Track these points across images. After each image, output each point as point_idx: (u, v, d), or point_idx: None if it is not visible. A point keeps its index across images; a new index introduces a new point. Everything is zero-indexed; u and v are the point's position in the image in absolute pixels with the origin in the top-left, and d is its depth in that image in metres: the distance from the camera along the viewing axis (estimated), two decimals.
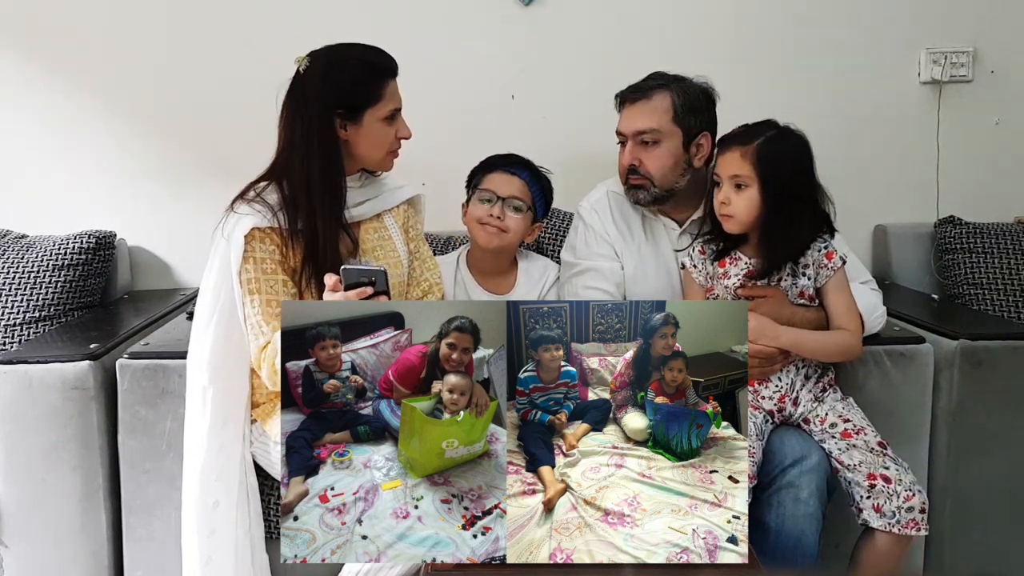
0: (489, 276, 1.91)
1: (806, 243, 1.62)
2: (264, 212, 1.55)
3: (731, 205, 1.58)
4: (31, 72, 2.31)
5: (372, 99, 1.58)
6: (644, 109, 1.76)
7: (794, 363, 1.65)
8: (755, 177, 1.56)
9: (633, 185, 1.79)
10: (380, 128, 1.60)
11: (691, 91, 1.77)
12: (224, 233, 1.55)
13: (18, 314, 2.04)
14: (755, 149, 1.56)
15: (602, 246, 1.85)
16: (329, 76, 1.57)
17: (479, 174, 1.86)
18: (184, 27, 2.31)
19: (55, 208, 2.33)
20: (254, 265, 1.53)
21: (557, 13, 2.33)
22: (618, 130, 1.81)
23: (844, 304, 1.63)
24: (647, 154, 1.76)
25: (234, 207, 1.57)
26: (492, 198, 1.81)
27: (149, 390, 1.68)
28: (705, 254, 1.69)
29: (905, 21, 2.37)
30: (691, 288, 1.72)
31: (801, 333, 1.61)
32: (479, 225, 1.82)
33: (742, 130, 1.62)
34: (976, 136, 2.41)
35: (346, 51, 1.61)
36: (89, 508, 1.72)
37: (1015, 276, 2.16)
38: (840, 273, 1.63)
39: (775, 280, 1.63)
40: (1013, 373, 1.81)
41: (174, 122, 2.34)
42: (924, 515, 1.51)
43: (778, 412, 1.64)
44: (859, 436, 1.58)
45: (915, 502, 1.51)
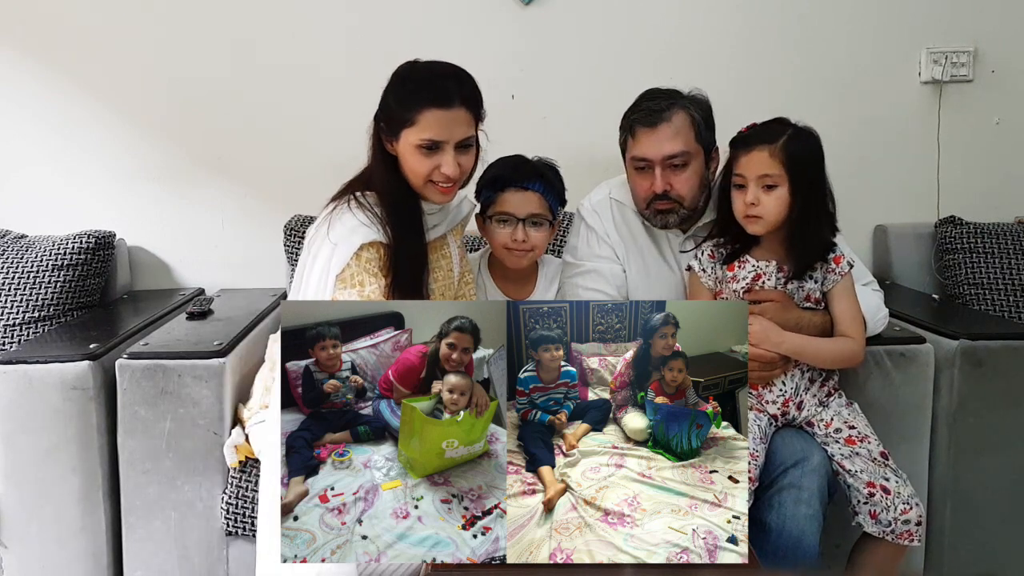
0: (511, 281, 1.89)
1: (830, 243, 1.59)
2: (373, 223, 1.54)
3: (760, 206, 1.54)
4: (31, 72, 2.31)
5: (404, 121, 1.52)
6: (668, 132, 1.67)
7: (799, 367, 1.63)
8: (785, 176, 1.52)
9: (660, 210, 1.73)
10: (415, 154, 1.54)
11: (703, 106, 1.72)
12: (332, 238, 1.52)
13: (18, 314, 2.04)
14: (782, 147, 1.52)
15: (603, 248, 1.84)
16: (386, 88, 1.56)
17: (490, 191, 1.78)
18: (184, 27, 2.31)
19: (55, 208, 2.33)
20: (357, 266, 1.52)
21: (557, 13, 2.33)
22: (641, 155, 1.70)
23: (849, 311, 1.61)
24: (677, 178, 1.69)
25: (343, 212, 1.54)
26: (510, 220, 1.75)
27: (148, 390, 1.68)
28: (715, 258, 1.65)
29: (905, 21, 2.37)
30: (698, 292, 1.68)
31: (804, 340, 1.59)
32: (505, 251, 1.78)
33: (762, 128, 1.57)
34: (976, 136, 2.41)
35: (413, 67, 1.57)
36: (89, 508, 1.72)
37: (1015, 276, 2.16)
38: (847, 278, 1.61)
39: (783, 283, 1.61)
40: (1013, 373, 1.81)
41: (174, 122, 2.34)
42: (920, 528, 1.51)
43: (782, 416, 1.64)
44: (863, 444, 1.58)
45: (912, 515, 1.51)
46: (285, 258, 2.25)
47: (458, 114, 1.52)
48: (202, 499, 1.71)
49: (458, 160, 1.54)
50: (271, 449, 1.48)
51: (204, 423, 1.69)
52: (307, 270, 1.56)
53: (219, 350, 1.72)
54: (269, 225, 2.31)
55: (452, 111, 1.52)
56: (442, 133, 1.52)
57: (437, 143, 1.52)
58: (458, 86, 1.53)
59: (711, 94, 1.77)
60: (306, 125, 2.33)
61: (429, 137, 1.51)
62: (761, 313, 1.59)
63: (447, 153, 1.53)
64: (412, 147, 1.53)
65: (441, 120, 1.51)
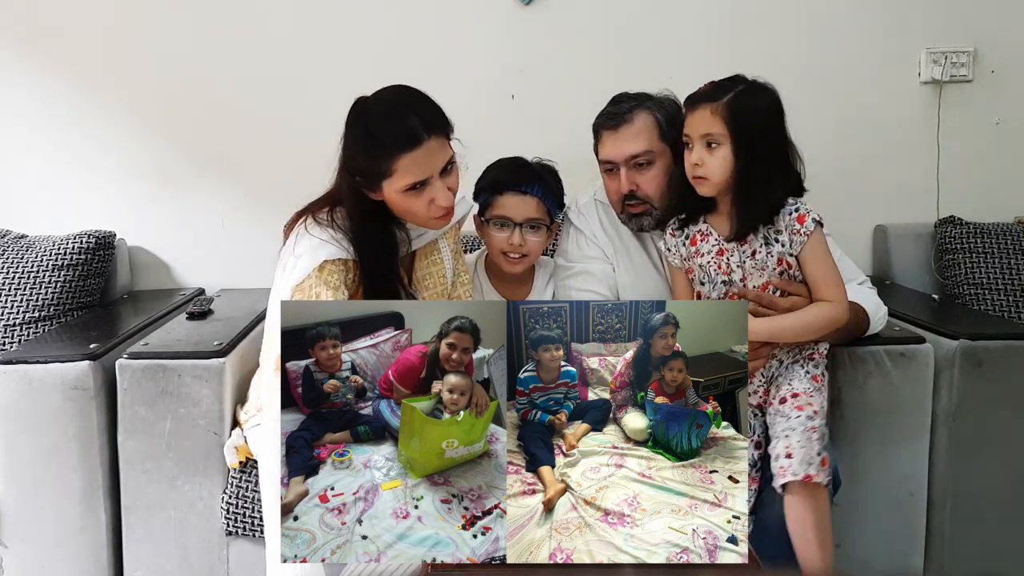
0: (508, 283, 1.89)
1: (780, 203, 1.51)
2: (340, 241, 1.49)
3: (704, 166, 1.49)
4: (31, 72, 2.31)
5: (380, 174, 1.46)
6: (629, 133, 1.71)
7: (773, 353, 1.56)
8: (727, 134, 1.47)
9: (634, 214, 1.75)
10: (404, 199, 1.48)
11: (667, 106, 1.74)
12: (295, 253, 1.49)
13: (18, 314, 2.04)
14: (726, 105, 1.48)
15: (592, 248, 1.85)
16: (345, 139, 1.49)
17: (488, 194, 1.78)
18: (184, 27, 2.31)
19: (55, 208, 2.33)
20: (318, 278, 1.47)
21: (557, 13, 2.33)
22: (606, 158, 1.75)
23: (821, 273, 1.51)
24: (642, 177, 1.72)
25: (308, 227, 1.51)
26: (508, 224, 1.76)
27: (149, 390, 1.68)
28: (676, 235, 1.62)
29: (905, 21, 2.37)
30: (673, 274, 1.66)
31: (774, 320, 1.50)
32: (501, 255, 1.78)
33: (710, 87, 1.53)
34: (976, 136, 2.41)
35: (367, 110, 1.49)
36: (89, 508, 1.72)
37: (1015, 276, 2.16)
38: (815, 237, 1.50)
39: (746, 244, 1.53)
40: (1013, 373, 1.81)
41: (174, 122, 2.34)
42: (825, 470, 1.40)
43: (764, 404, 1.57)
44: (798, 409, 1.47)
45: (816, 463, 1.39)
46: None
47: (431, 146, 1.45)
48: (202, 499, 1.71)
49: (447, 185, 1.50)
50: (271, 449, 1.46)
51: (204, 423, 1.69)
52: (273, 285, 1.53)
53: (219, 350, 1.72)
54: (269, 225, 2.29)
55: (425, 146, 1.45)
56: (424, 171, 1.46)
57: (423, 182, 1.47)
58: (420, 118, 1.45)
59: None
60: (306, 125, 2.32)
61: (412, 181, 1.45)
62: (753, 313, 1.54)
63: (435, 186, 1.47)
64: (399, 194, 1.47)
65: (418, 160, 1.45)
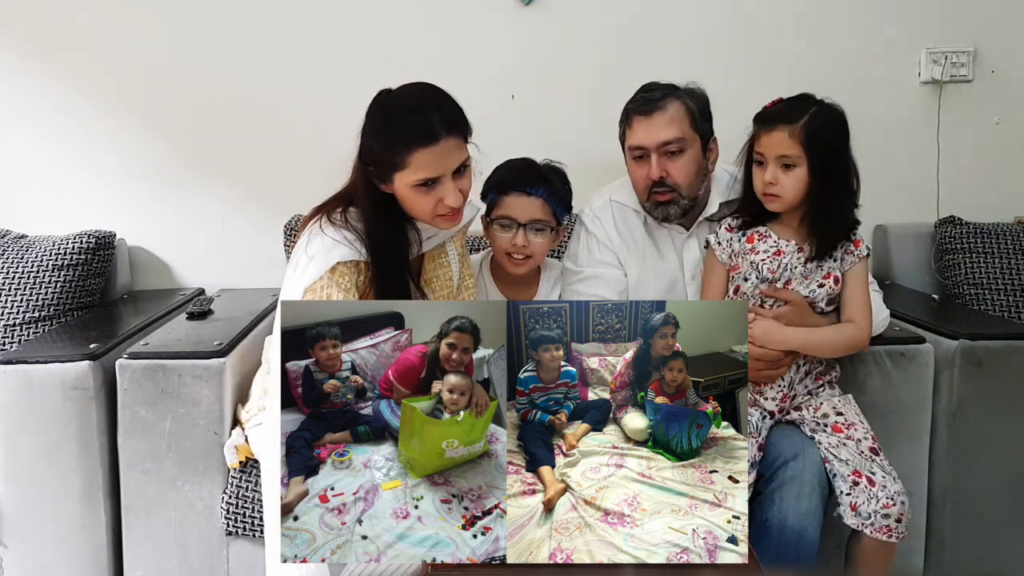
0: (513, 285, 1.89)
1: (855, 222, 1.59)
2: (353, 242, 1.50)
3: (779, 185, 1.55)
4: (31, 72, 2.31)
5: (394, 165, 1.46)
6: (663, 120, 1.70)
7: (796, 362, 1.64)
8: (804, 156, 1.53)
9: (661, 202, 1.74)
10: (413, 195, 1.48)
11: (699, 97, 1.75)
12: (308, 253, 1.49)
13: (18, 314, 2.04)
14: (803, 128, 1.52)
15: (605, 253, 1.85)
16: (364, 128, 1.48)
17: (494, 193, 1.79)
18: (184, 27, 2.31)
19: (55, 208, 2.34)
20: (329, 279, 1.48)
21: (557, 13, 2.33)
22: (637, 144, 1.73)
23: (860, 296, 1.62)
24: (673, 164, 1.71)
25: (322, 227, 1.51)
26: (512, 224, 1.76)
27: (149, 390, 1.68)
28: (732, 231, 1.66)
29: (905, 21, 2.37)
30: (712, 267, 1.69)
31: (808, 332, 1.60)
32: (505, 256, 1.78)
33: (784, 107, 1.57)
34: (976, 136, 2.41)
35: (389, 102, 1.48)
36: (89, 508, 1.72)
37: (1015, 276, 2.16)
38: (863, 263, 1.62)
39: (803, 263, 1.60)
40: (1013, 373, 1.81)
41: (174, 122, 2.34)
42: (900, 524, 1.50)
43: (779, 412, 1.64)
44: (850, 431, 1.58)
45: (893, 511, 1.50)
46: (285, 258, 2.25)
47: (447, 144, 1.45)
48: (202, 499, 1.71)
49: (458, 187, 1.49)
50: (271, 449, 1.47)
51: (204, 423, 1.69)
52: (284, 283, 1.54)
53: (219, 350, 1.72)
54: (269, 225, 2.31)
55: (442, 144, 1.44)
56: (437, 169, 1.46)
57: (434, 179, 1.47)
58: (441, 116, 1.45)
59: (710, 95, 1.78)
60: (306, 125, 2.33)
61: (424, 177, 1.45)
62: (777, 317, 1.59)
63: (446, 185, 1.47)
64: (408, 188, 1.47)
65: (433, 157, 1.44)
